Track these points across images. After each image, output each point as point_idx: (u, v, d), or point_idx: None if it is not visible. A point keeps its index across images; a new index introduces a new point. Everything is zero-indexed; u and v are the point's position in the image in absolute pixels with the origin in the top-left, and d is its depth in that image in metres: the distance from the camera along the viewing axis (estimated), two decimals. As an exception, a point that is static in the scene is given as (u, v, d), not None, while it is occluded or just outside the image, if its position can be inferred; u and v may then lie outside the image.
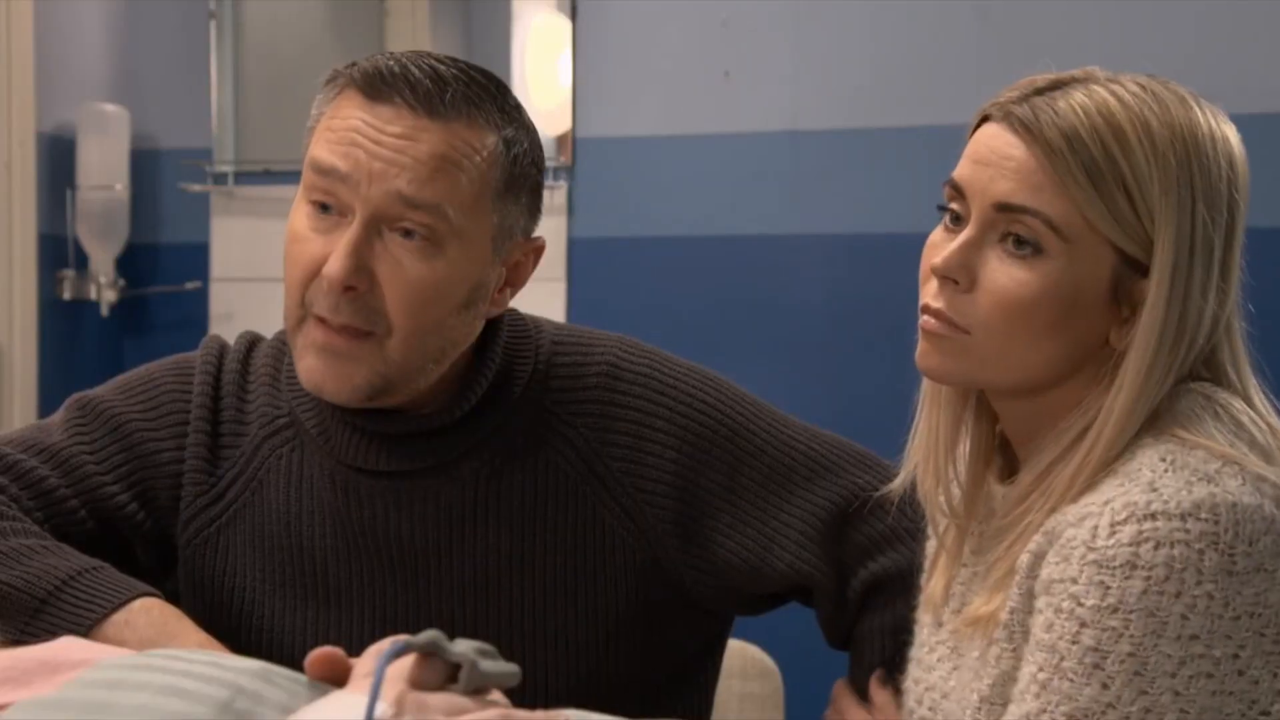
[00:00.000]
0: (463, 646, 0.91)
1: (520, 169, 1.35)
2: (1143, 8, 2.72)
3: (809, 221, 2.98)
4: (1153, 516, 1.05)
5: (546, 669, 1.39)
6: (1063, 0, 2.75)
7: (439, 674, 0.90)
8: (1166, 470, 1.07)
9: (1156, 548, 1.04)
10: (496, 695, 0.93)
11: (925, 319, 1.17)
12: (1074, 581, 1.07)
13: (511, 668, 0.92)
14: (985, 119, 1.17)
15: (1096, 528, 1.06)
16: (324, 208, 1.31)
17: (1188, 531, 1.04)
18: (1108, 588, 1.05)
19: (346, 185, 1.29)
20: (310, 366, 1.32)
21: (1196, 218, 1.11)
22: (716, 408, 1.42)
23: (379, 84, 1.29)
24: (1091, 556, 1.06)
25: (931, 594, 1.27)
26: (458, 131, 1.30)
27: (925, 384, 1.25)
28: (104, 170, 3.29)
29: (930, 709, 1.24)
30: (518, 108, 1.36)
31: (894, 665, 1.36)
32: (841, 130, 2.94)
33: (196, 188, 3.36)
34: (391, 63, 1.31)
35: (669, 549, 1.39)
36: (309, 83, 1.36)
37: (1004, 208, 1.13)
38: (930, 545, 1.31)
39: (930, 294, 1.17)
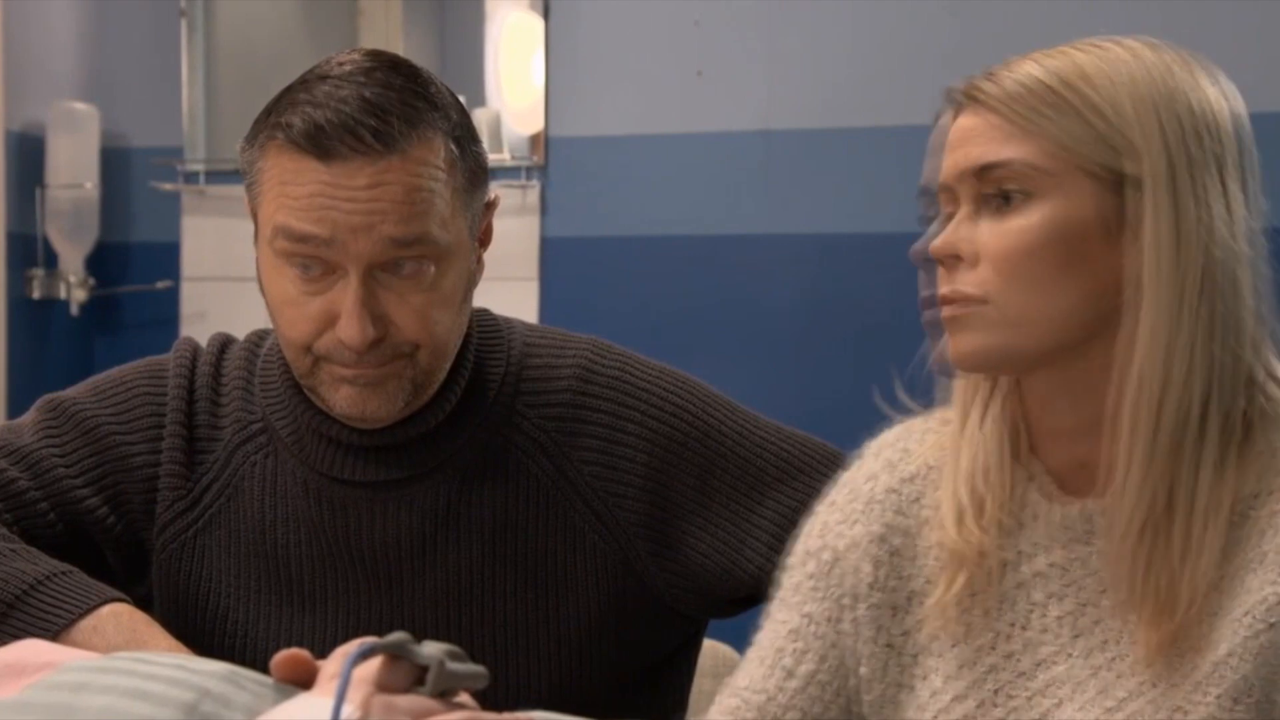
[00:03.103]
0: (430, 648, 0.90)
1: (470, 155, 1.34)
2: (1121, 6, 2.73)
3: (782, 221, 2.98)
4: None
5: (521, 673, 1.39)
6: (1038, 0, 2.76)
7: (406, 676, 0.90)
8: None
9: None
10: (464, 697, 0.92)
11: (938, 310, 1.13)
12: None
13: (479, 669, 0.92)
14: (946, 116, 1.16)
15: None
16: (307, 267, 1.30)
17: None
18: None
19: (331, 247, 1.27)
20: (348, 397, 1.32)
21: (1184, 125, 1.08)
22: (688, 410, 1.42)
23: (324, 140, 1.26)
24: None
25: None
26: (415, 155, 1.28)
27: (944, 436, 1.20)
28: (74, 169, 3.27)
29: None
30: (438, 90, 1.33)
31: None
32: (814, 130, 2.95)
33: (167, 186, 3.34)
34: (322, 112, 1.27)
35: (640, 552, 1.39)
36: (281, 82, 1.35)
37: (983, 169, 1.11)
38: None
39: (937, 283, 1.13)
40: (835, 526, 1.23)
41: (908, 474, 1.22)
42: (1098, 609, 1.12)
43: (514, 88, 3.16)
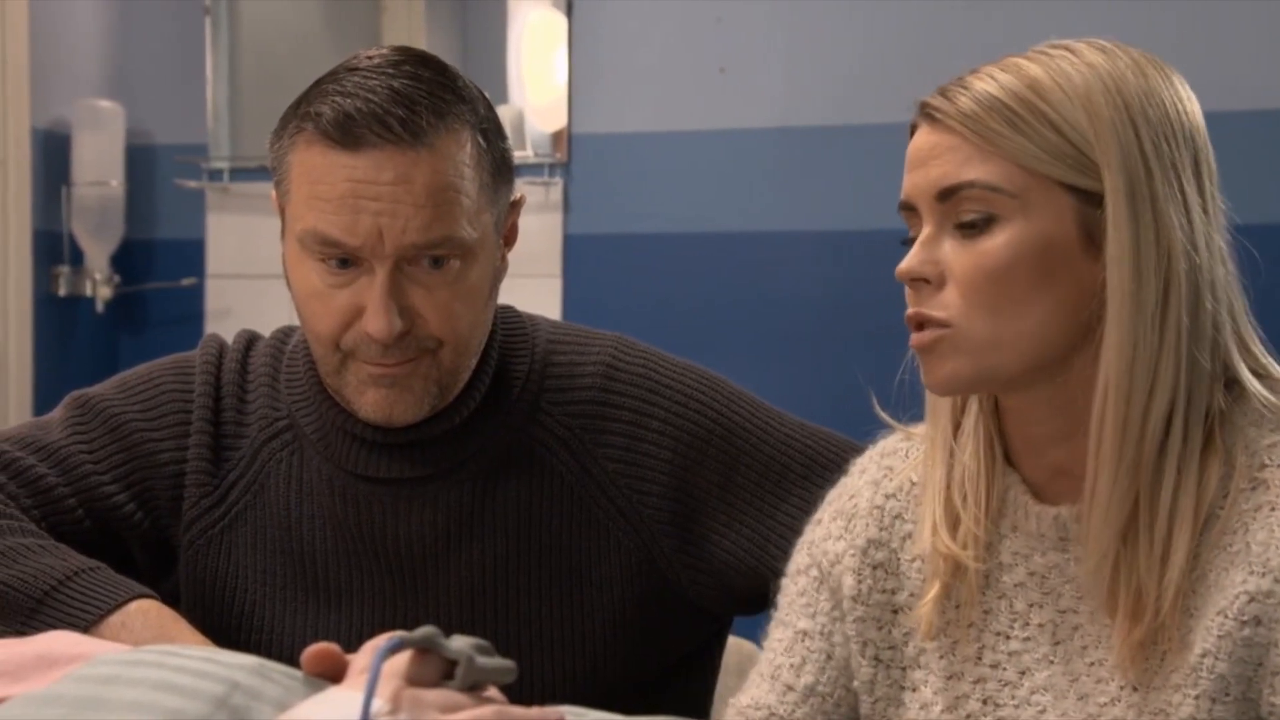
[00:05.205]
0: (459, 643, 0.91)
1: (496, 149, 1.34)
2: (1129, 5, 2.72)
3: (803, 217, 2.98)
4: None
5: (545, 669, 1.39)
6: (1057, -3, 2.76)
7: (435, 670, 0.90)
8: None
9: None
10: (493, 691, 0.93)
11: (913, 337, 1.11)
12: None
13: (507, 663, 0.92)
14: (913, 130, 1.14)
15: None
16: (334, 261, 1.30)
17: None
18: None
19: (359, 247, 1.28)
20: (375, 400, 1.33)
21: (1141, 136, 1.06)
22: (712, 407, 1.42)
23: (353, 129, 1.27)
24: None
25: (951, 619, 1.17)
26: (443, 149, 1.29)
27: (923, 447, 1.19)
28: (99, 166, 3.29)
29: None
30: (465, 84, 1.34)
31: None
32: (835, 126, 2.95)
33: (192, 184, 3.36)
34: (351, 101, 1.28)
35: (665, 549, 1.39)
36: (305, 80, 1.36)
37: (944, 193, 1.09)
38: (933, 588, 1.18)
39: (909, 303, 1.12)
40: (821, 543, 1.25)
41: (890, 490, 1.23)
42: (1077, 615, 1.12)
43: (537, 85, 3.17)
